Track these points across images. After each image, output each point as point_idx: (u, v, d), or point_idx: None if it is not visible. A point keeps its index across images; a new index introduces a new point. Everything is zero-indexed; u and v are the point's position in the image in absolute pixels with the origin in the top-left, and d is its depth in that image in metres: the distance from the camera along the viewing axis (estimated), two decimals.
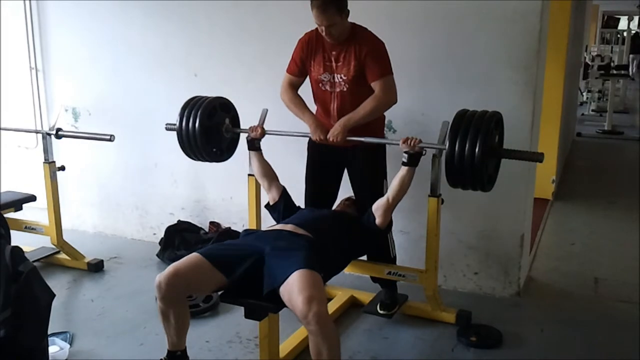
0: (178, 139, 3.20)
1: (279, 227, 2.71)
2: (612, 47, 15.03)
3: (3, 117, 4.30)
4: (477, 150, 2.55)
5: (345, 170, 3.18)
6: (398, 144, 2.80)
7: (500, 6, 3.19)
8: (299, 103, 3.06)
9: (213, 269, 2.42)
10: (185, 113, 3.16)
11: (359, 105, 2.89)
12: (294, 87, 3.09)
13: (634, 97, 13.22)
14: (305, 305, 2.15)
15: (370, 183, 3.03)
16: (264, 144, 3.19)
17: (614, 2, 15.81)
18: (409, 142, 2.75)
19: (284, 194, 3.06)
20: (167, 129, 3.32)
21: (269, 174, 3.12)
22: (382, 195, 2.91)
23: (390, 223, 3.02)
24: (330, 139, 2.91)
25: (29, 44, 4.48)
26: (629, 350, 2.95)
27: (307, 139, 3.13)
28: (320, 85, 2.98)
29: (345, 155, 3.07)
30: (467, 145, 2.57)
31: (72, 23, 4.40)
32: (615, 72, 10.38)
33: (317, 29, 2.90)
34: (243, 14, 3.83)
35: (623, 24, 19.32)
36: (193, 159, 3.30)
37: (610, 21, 19.66)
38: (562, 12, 5.13)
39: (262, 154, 3.16)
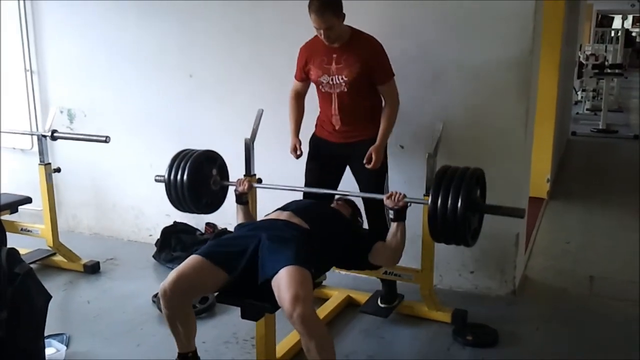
0: (167, 194, 3.09)
1: (275, 215, 2.72)
2: (606, 46, 15.03)
3: None
4: (459, 206, 2.46)
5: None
6: (382, 199, 2.74)
7: (494, 6, 3.20)
8: (293, 116, 3.21)
9: (215, 268, 2.43)
10: (173, 170, 3.04)
11: (358, 104, 3.03)
12: (298, 93, 3.23)
13: (628, 95, 13.27)
14: (290, 305, 2.17)
15: (375, 179, 3.05)
16: (261, 139, 3.21)
17: (608, 1, 15.84)
18: (392, 197, 2.68)
19: None
20: (156, 180, 3.17)
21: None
22: (385, 188, 2.99)
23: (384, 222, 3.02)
24: (372, 167, 2.97)
25: (23, 45, 4.47)
26: (624, 348, 2.96)
27: (309, 134, 3.21)
28: (321, 87, 3.08)
29: (347, 151, 3.12)
30: (449, 202, 2.47)
31: (67, 25, 4.39)
32: (609, 71, 10.40)
33: (315, 36, 3.00)
34: (238, 14, 3.83)
35: (617, 22, 19.37)
36: (182, 211, 3.18)
37: (604, 20, 19.69)
38: (556, 12, 5.15)
39: (248, 208, 3.08)
